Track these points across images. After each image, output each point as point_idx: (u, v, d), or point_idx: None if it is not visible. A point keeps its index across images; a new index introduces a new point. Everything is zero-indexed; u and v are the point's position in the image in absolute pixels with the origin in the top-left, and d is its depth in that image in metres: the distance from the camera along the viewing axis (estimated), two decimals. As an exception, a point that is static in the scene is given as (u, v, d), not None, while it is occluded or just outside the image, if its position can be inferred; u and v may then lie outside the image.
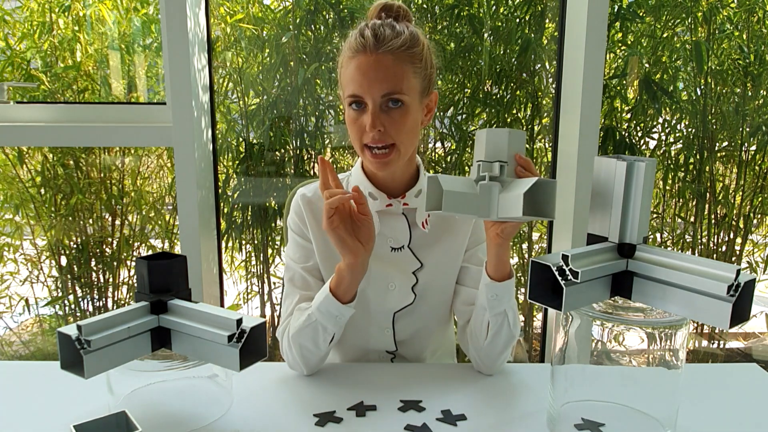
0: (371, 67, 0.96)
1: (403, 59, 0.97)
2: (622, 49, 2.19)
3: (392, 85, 0.96)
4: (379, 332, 1.11)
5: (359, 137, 1.00)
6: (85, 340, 0.73)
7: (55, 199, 2.14)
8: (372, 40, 0.96)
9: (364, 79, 0.96)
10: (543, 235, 2.30)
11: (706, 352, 2.47)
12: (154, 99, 2.18)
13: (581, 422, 0.83)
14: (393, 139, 0.98)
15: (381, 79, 0.96)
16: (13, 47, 2.03)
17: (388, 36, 0.96)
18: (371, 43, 0.95)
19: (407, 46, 0.97)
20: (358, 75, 0.96)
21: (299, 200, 1.11)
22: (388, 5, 1.02)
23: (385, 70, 0.96)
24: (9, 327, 2.30)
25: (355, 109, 0.99)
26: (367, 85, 0.96)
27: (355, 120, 0.99)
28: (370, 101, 0.97)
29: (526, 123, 2.20)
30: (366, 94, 0.96)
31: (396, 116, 0.97)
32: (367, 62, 0.96)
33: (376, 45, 0.95)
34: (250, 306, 2.35)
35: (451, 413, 0.88)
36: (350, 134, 1.02)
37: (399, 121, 0.98)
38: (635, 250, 0.75)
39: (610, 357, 0.83)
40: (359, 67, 0.96)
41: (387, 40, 0.96)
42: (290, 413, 0.89)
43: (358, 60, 0.97)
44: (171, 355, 0.85)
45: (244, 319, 0.77)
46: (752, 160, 2.26)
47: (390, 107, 0.97)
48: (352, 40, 0.98)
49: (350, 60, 0.98)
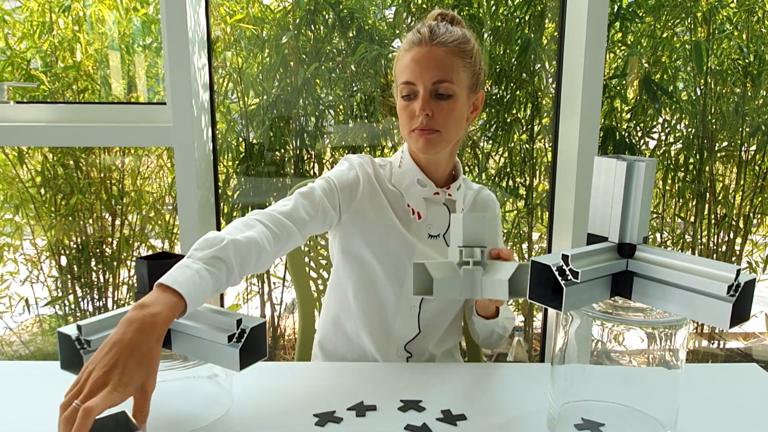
0: (424, 57, 1.05)
1: (454, 53, 1.06)
2: (622, 49, 2.19)
3: (443, 73, 1.04)
4: (407, 311, 1.16)
5: (408, 123, 1.08)
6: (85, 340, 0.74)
7: (55, 199, 2.14)
8: (428, 34, 1.06)
9: (417, 67, 1.05)
10: (543, 235, 2.30)
11: (706, 352, 2.47)
12: (154, 99, 2.18)
13: (581, 422, 0.83)
14: (439, 126, 1.06)
15: (432, 67, 1.04)
16: (13, 47, 2.03)
17: (443, 32, 1.06)
18: (426, 37, 1.05)
19: (459, 42, 1.06)
20: (412, 64, 1.06)
21: (367, 167, 1.15)
22: (443, 12, 1.13)
23: (437, 60, 1.05)
24: (9, 327, 2.30)
25: (407, 98, 1.08)
26: (419, 73, 1.05)
27: (405, 107, 1.08)
28: (421, 87, 1.05)
29: (526, 123, 2.20)
30: (418, 80, 1.05)
31: (444, 105, 1.06)
32: (420, 53, 1.05)
33: (432, 38, 1.05)
34: (250, 306, 2.35)
35: (451, 413, 0.88)
36: (401, 121, 1.11)
37: (447, 108, 1.06)
38: (635, 250, 0.75)
39: (610, 357, 0.83)
40: (414, 57, 1.06)
41: (441, 35, 1.06)
42: (290, 413, 0.88)
43: (413, 51, 1.06)
44: (171, 355, 0.85)
45: (244, 319, 0.77)
46: (752, 160, 2.26)
47: (440, 96, 1.06)
48: (409, 36, 1.08)
49: (406, 52, 1.08)
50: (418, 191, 1.14)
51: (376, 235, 1.13)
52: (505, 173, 2.24)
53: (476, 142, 2.22)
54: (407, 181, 1.15)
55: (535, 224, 2.30)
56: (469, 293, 0.92)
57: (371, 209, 1.13)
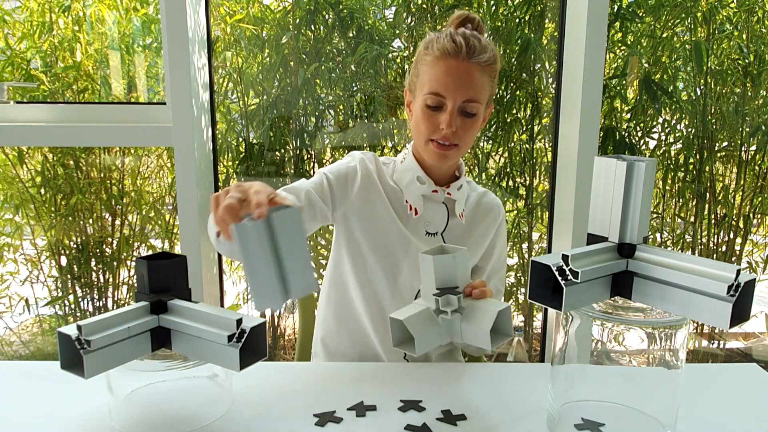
0: (460, 74, 1.05)
1: (485, 72, 1.07)
2: (622, 49, 2.19)
3: (474, 93, 1.06)
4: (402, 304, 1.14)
5: (429, 132, 1.08)
6: (85, 340, 0.73)
7: (55, 199, 2.14)
8: (465, 48, 1.04)
9: (452, 82, 1.05)
10: (543, 235, 2.30)
11: (706, 352, 2.47)
12: (154, 99, 2.18)
13: (581, 422, 0.83)
14: (459, 140, 1.08)
15: (466, 86, 1.05)
16: (13, 47, 2.03)
17: (479, 49, 1.05)
18: (464, 52, 1.04)
19: (491, 61, 1.07)
20: (446, 77, 1.05)
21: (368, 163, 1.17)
22: (470, 17, 1.11)
23: (472, 80, 1.05)
24: (9, 327, 2.30)
25: (432, 109, 1.07)
26: (453, 88, 1.05)
27: (429, 117, 1.08)
28: (450, 103, 1.05)
29: (526, 123, 2.20)
30: (449, 95, 1.05)
31: (468, 122, 1.08)
32: (457, 67, 1.04)
33: (469, 54, 1.04)
34: (249, 306, 2.35)
35: (451, 413, 0.88)
36: (419, 127, 1.10)
37: (469, 125, 1.08)
38: (635, 250, 0.75)
39: (610, 357, 0.83)
40: (449, 70, 1.05)
41: (478, 53, 1.05)
42: (290, 413, 0.89)
43: (448, 63, 1.05)
44: (171, 355, 0.85)
45: (244, 319, 0.77)
46: (752, 160, 2.26)
47: (465, 114, 1.07)
48: (443, 42, 1.05)
49: (438, 60, 1.06)
50: (417, 188, 1.15)
51: (373, 228, 1.14)
52: (505, 173, 2.24)
53: (476, 142, 2.22)
54: (407, 178, 1.16)
55: (535, 224, 2.30)
56: (448, 338, 0.88)
57: (369, 203, 1.15)
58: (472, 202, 1.22)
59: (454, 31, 1.07)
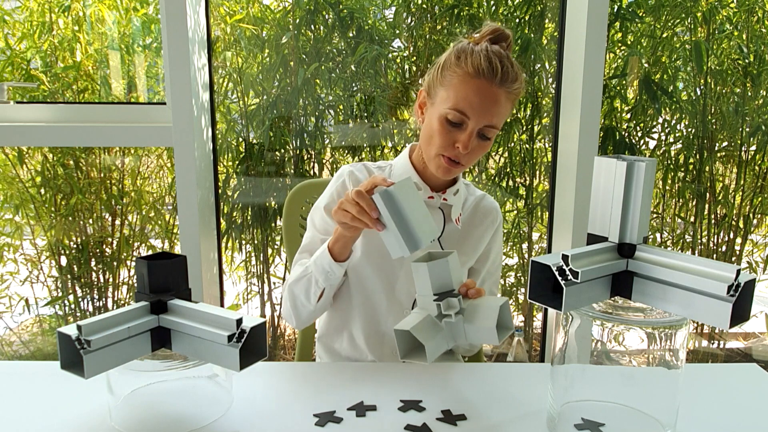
0: (490, 98, 1.03)
1: (510, 99, 1.06)
2: (621, 49, 2.19)
3: (497, 120, 1.05)
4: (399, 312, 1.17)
5: (443, 147, 1.06)
6: (85, 340, 0.73)
7: (55, 199, 2.14)
8: (500, 73, 1.02)
9: (479, 104, 1.02)
10: (543, 235, 2.30)
11: (706, 352, 2.47)
12: (154, 99, 2.18)
13: (581, 422, 0.83)
14: (470, 161, 1.08)
15: (493, 111, 1.04)
16: (13, 47, 2.03)
17: (512, 76, 1.03)
18: (499, 77, 1.02)
19: (518, 91, 1.07)
20: (475, 97, 1.02)
21: (347, 178, 1.17)
22: (505, 35, 1.08)
23: (498, 105, 1.04)
24: (9, 327, 2.30)
25: (451, 125, 1.05)
26: (479, 110, 1.03)
27: (447, 132, 1.05)
28: (472, 124, 1.03)
29: (526, 123, 2.20)
30: (474, 116, 1.03)
31: (483, 144, 1.07)
32: (488, 91, 1.02)
33: (503, 80, 1.02)
34: (249, 306, 2.35)
35: (451, 413, 0.88)
36: (432, 138, 1.07)
37: (483, 147, 1.08)
38: (635, 250, 0.75)
39: (610, 357, 0.83)
40: (479, 92, 1.02)
41: (510, 80, 1.03)
42: (290, 413, 0.89)
43: (479, 83, 1.02)
44: (171, 355, 0.85)
45: (244, 319, 0.77)
46: (752, 160, 2.27)
47: (483, 137, 1.06)
48: (479, 61, 1.02)
49: (471, 78, 1.02)
50: None
51: (368, 236, 1.13)
52: (505, 173, 2.24)
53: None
54: None
55: (535, 224, 2.30)
56: (452, 341, 0.90)
57: None
58: (470, 206, 1.21)
59: (490, 48, 1.04)
